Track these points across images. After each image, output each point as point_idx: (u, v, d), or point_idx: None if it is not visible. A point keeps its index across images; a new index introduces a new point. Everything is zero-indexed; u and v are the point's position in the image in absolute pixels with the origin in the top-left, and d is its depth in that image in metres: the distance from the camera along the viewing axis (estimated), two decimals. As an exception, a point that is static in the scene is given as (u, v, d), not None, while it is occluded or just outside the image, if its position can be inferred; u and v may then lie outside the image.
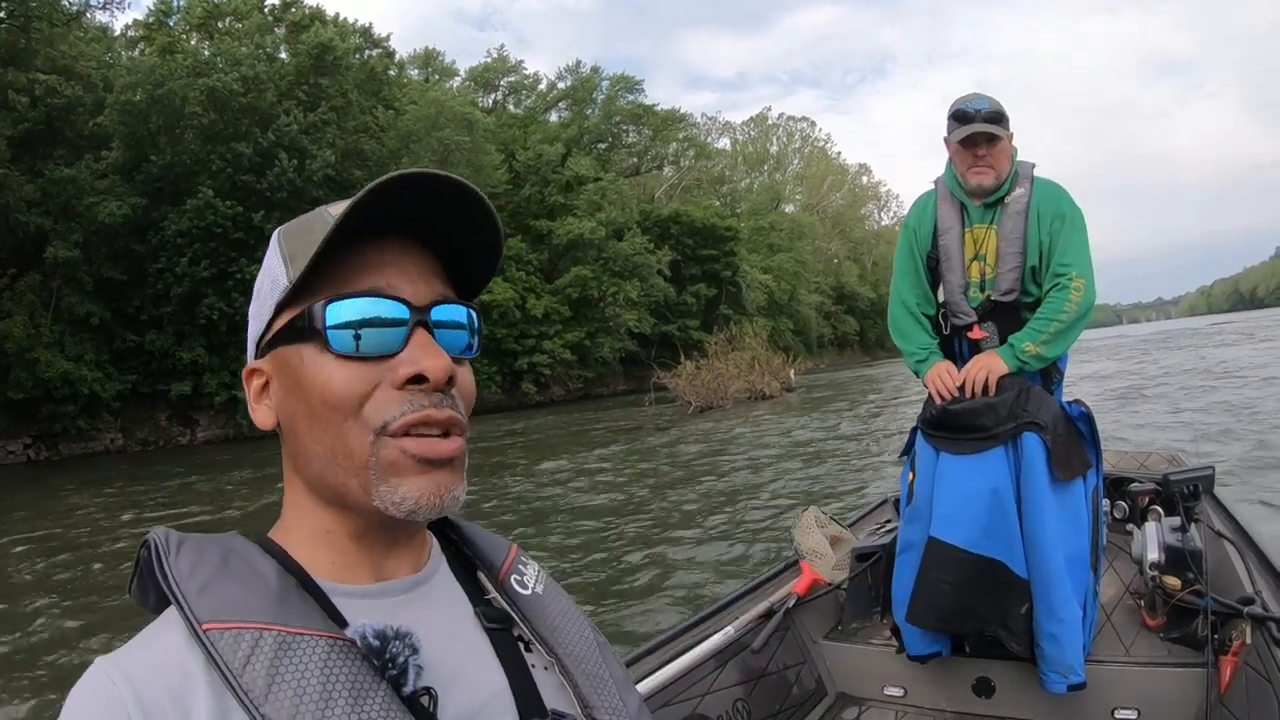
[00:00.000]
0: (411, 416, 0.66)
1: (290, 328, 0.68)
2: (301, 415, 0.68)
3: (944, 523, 2.58)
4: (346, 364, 0.66)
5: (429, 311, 0.69)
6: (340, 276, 0.68)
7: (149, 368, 29.10)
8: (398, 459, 0.65)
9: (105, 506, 13.33)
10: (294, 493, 0.72)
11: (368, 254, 0.69)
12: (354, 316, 0.66)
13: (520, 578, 0.82)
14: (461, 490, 0.69)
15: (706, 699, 2.49)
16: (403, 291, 0.68)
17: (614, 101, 57.24)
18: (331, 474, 0.67)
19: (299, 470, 0.71)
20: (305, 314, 0.67)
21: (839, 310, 76.21)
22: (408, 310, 0.67)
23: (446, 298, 0.71)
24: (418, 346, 0.67)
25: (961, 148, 2.70)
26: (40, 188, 26.59)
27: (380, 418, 0.65)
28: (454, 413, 0.68)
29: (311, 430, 0.67)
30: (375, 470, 0.66)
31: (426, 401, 0.66)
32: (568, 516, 9.45)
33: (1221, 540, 2.97)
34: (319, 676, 0.60)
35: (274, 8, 36.76)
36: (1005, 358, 2.63)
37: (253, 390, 0.73)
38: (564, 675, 0.75)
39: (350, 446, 0.66)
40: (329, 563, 0.69)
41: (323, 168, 31.18)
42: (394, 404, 0.66)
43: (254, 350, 0.73)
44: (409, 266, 0.70)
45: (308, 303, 0.67)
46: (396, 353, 0.67)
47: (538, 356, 39.34)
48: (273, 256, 0.72)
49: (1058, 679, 2.42)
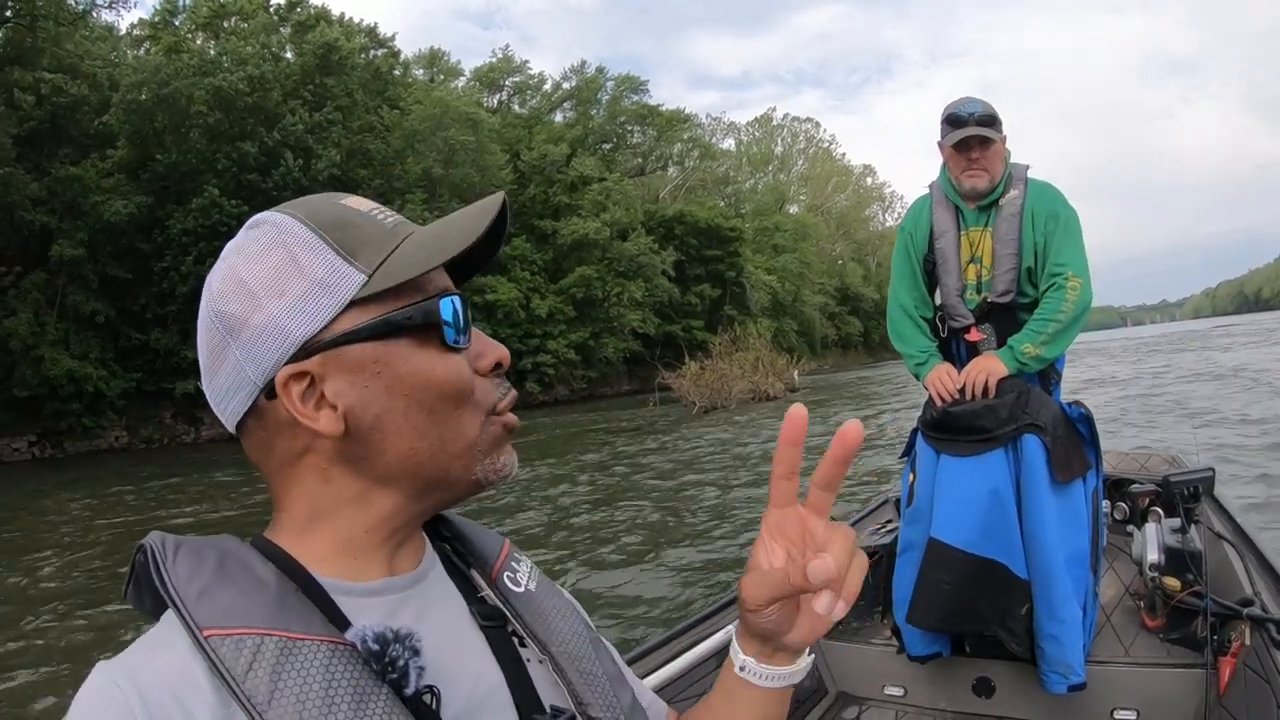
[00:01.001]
0: (509, 397, 0.75)
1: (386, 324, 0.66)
2: (401, 411, 0.67)
3: (944, 524, 2.59)
4: (450, 357, 0.70)
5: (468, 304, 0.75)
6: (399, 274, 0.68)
7: (154, 366, 29.14)
8: (500, 434, 0.73)
9: (107, 505, 13.36)
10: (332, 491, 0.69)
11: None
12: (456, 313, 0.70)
13: (513, 575, 0.82)
14: None
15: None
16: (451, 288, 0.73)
17: (619, 102, 57.26)
18: (435, 462, 0.70)
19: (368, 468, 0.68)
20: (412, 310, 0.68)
21: (843, 311, 76.19)
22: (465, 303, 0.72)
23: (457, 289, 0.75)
24: (480, 337, 0.74)
25: (955, 151, 2.71)
26: (46, 186, 26.69)
27: (489, 401, 0.73)
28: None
29: (416, 425, 0.68)
30: (480, 447, 0.72)
31: (506, 384, 0.75)
32: (570, 516, 9.46)
33: (1221, 542, 2.97)
34: (321, 682, 0.60)
35: (279, 7, 36.83)
36: (1004, 359, 2.64)
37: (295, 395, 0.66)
38: (557, 672, 0.75)
39: (462, 431, 0.70)
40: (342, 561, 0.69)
41: (328, 167, 31.24)
42: (492, 388, 0.73)
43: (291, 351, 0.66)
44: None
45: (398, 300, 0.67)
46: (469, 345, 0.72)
47: (542, 356, 39.35)
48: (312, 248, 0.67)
49: (1058, 679, 2.43)
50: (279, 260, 0.67)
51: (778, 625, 0.72)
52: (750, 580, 0.71)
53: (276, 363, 0.66)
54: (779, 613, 0.71)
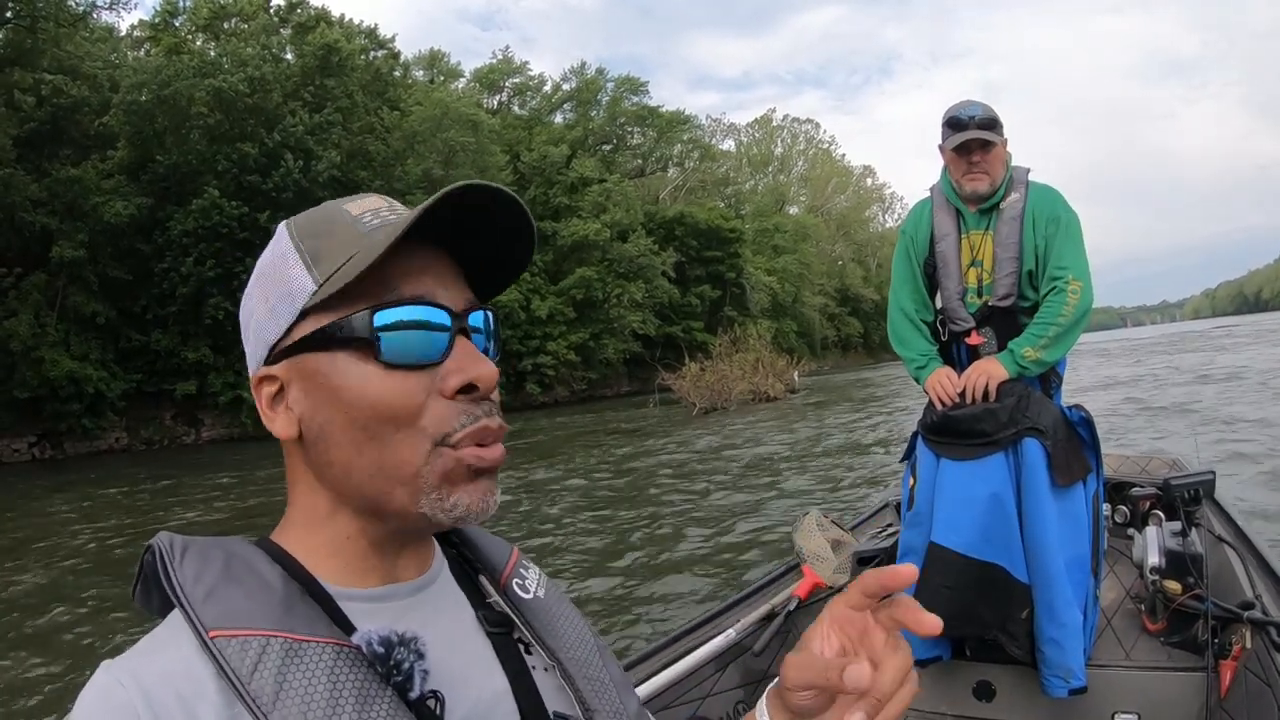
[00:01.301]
0: (473, 428, 0.66)
1: (322, 334, 0.66)
2: (341, 425, 0.66)
3: (945, 528, 2.59)
4: (394, 374, 0.65)
5: (467, 318, 0.68)
6: (373, 284, 0.65)
7: (154, 367, 29.19)
8: (453, 469, 0.65)
9: (96, 509, 13.35)
10: (312, 498, 0.70)
11: (401, 259, 0.66)
12: (402, 325, 0.65)
13: (522, 582, 0.82)
14: (499, 495, 0.69)
15: (707, 702, 2.50)
16: (442, 298, 0.67)
17: (619, 103, 57.25)
18: (374, 484, 0.66)
19: (324, 478, 0.69)
20: (345, 322, 0.65)
21: (843, 312, 76.17)
22: (450, 318, 0.67)
23: (475, 304, 0.71)
24: (463, 355, 0.66)
25: (956, 154, 2.70)
26: (46, 187, 26.71)
27: (441, 429, 0.65)
28: (503, 422, 0.69)
29: (354, 440, 0.66)
30: (427, 479, 0.65)
31: (480, 411, 0.66)
32: (570, 518, 9.45)
33: (1222, 545, 2.97)
34: (325, 684, 0.60)
35: (280, 9, 36.83)
36: (1005, 363, 2.63)
37: (264, 397, 0.70)
38: (565, 678, 0.75)
39: (402, 457, 0.65)
40: (339, 567, 0.69)
41: (328, 168, 31.25)
42: (452, 415, 0.65)
43: (265, 355, 0.70)
44: (443, 273, 0.69)
45: (343, 309, 0.65)
46: (439, 361, 0.66)
47: (542, 358, 39.34)
48: (286, 256, 0.69)
49: (1059, 683, 2.43)
50: (269, 267, 0.71)
51: (811, 708, 0.67)
52: (795, 660, 0.66)
53: (258, 364, 0.70)
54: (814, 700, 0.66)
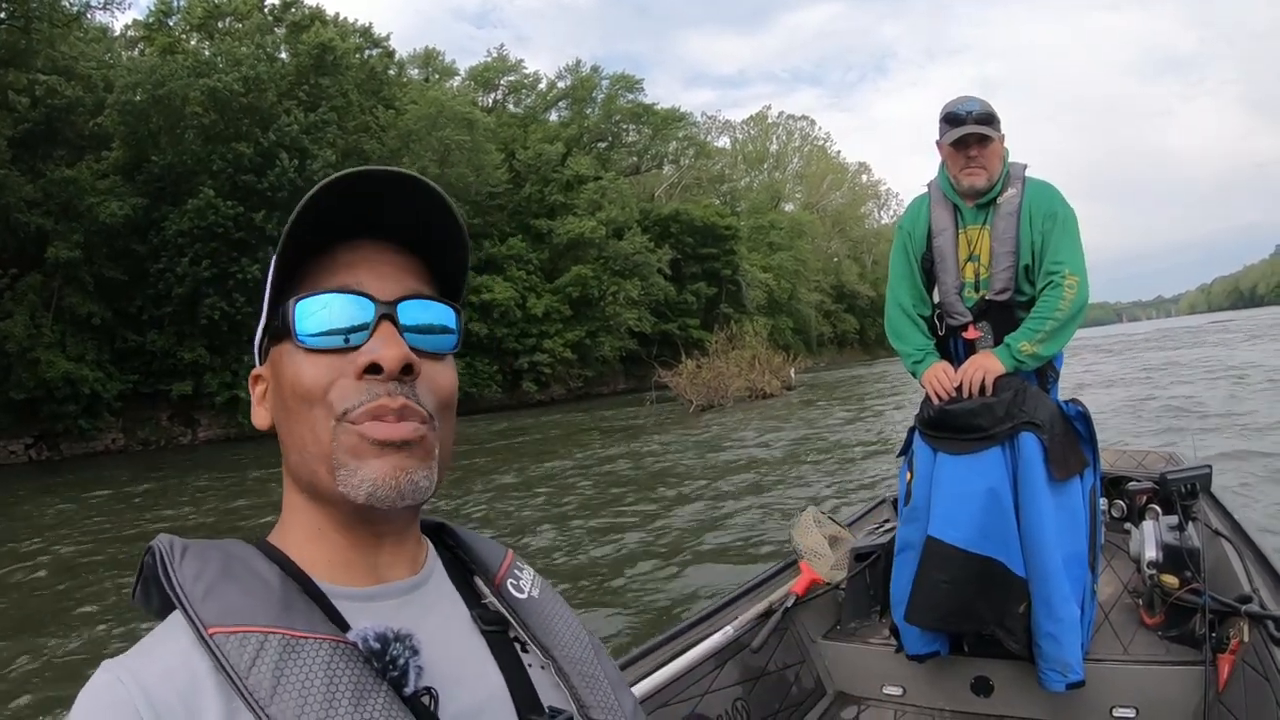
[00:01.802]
0: (369, 405, 0.67)
1: (271, 329, 0.72)
2: (279, 409, 0.72)
3: (942, 522, 2.59)
4: (314, 357, 0.69)
5: (395, 306, 0.70)
6: (316, 277, 0.71)
7: (150, 368, 29.14)
8: (356, 444, 0.67)
9: (106, 508, 13.33)
10: (288, 492, 0.74)
11: (342, 255, 0.71)
12: (320, 312, 0.69)
13: (516, 582, 0.84)
14: (425, 477, 0.69)
15: (706, 698, 2.50)
16: (369, 287, 0.70)
17: (614, 101, 57.19)
18: (304, 463, 0.70)
19: (287, 468, 0.73)
20: (280, 313, 0.71)
21: (839, 309, 76.21)
22: (372, 304, 0.69)
23: (419, 294, 0.73)
24: (379, 338, 0.69)
25: (954, 150, 2.71)
26: (41, 188, 26.65)
27: (341, 405, 0.68)
28: (408, 400, 0.69)
29: (287, 422, 0.71)
30: (337, 455, 0.68)
31: (381, 390, 0.68)
32: (567, 516, 9.45)
33: (1219, 538, 2.98)
34: (323, 679, 0.61)
35: (274, 8, 36.78)
36: (1002, 358, 2.64)
37: (256, 394, 0.76)
38: (560, 676, 0.77)
39: (316, 433, 0.68)
40: (326, 562, 0.71)
41: (324, 168, 31.16)
42: (353, 393, 0.68)
43: (259, 357, 0.76)
44: (381, 265, 0.72)
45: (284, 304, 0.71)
46: (359, 346, 0.69)
47: (538, 355, 39.33)
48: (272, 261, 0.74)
49: (1056, 677, 2.43)
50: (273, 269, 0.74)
51: None
52: None
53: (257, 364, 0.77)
54: None
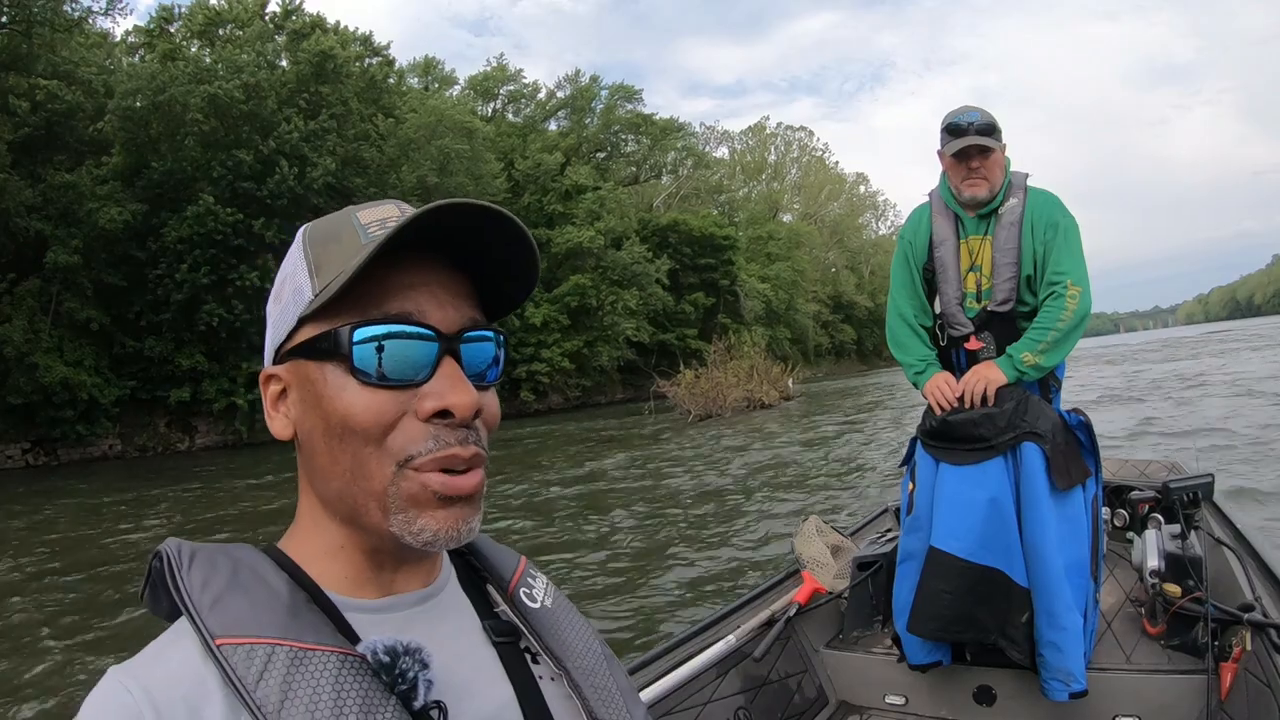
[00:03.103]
0: (439, 454, 0.65)
1: (314, 344, 0.67)
2: (321, 433, 0.67)
3: (944, 533, 2.59)
4: (371, 390, 0.65)
5: (458, 340, 0.68)
6: (368, 296, 0.66)
7: (148, 374, 29.07)
8: (418, 493, 0.65)
9: (104, 513, 13.28)
10: (309, 505, 0.72)
11: (396, 274, 0.67)
12: (378, 343, 0.65)
13: (529, 590, 0.82)
14: (477, 521, 0.69)
15: (708, 708, 2.50)
16: (431, 317, 0.67)
17: (613, 110, 57.25)
18: (350, 495, 0.66)
19: (315, 485, 0.70)
20: (331, 336, 0.66)
21: (836, 319, 76.21)
22: (436, 339, 0.66)
23: (476, 323, 0.70)
24: (444, 378, 0.66)
25: (955, 160, 2.72)
26: (41, 193, 26.65)
27: (405, 451, 0.65)
28: (479, 449, 0.67)
29: (331, 450, 0.66)
30: (395, 499, 0.65)
31: (452, 438, 0.65)
32: (566, 526, 9.43)
33: (1221, 547, 2.98)
34: (331, 692, 0.60)
35: (275, 16, 36.78)
36: (1003, 368, 2.64)
37: (269, 396, 0.72)
38: (572, 688, 0.76)
39: (370, 471, 0.65)
40: (341, 577, 0.70)
41: (323, 175, 31.22)
42: (420, 438, 0.65)
43: (272, 356, 0.72)
44: (438, 289, 0.68)
45: (333, 321, 0.66)
46: (423, 382, 0.66)
47: (536, 365, 39.27)
48: (296, 261, 0.71)
49: (1059, 687, 2.43)
50: (286, 269, 0.72)
51: None
52: None
53: (267, 363, 0.73)
54: None
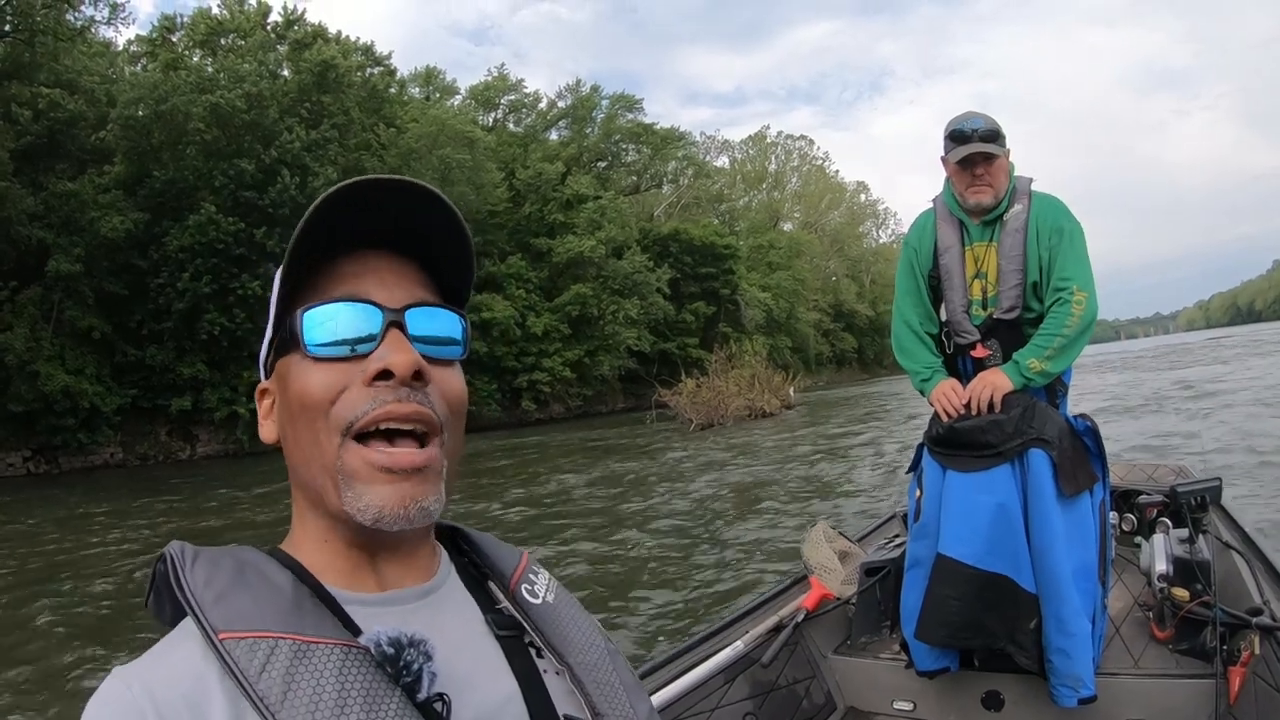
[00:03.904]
0: (376, 412, 0.67)
1: (279, 341, 0.72)
2: (288, 421, 0.71)
3: (951, 539, 2.59)
4: (322, 366, 0.68)
5: (403, 313, 0.70)
6: (322, 288, 0.71)
7: (149, 382, 29.03)
8: (359, 467, 0.67)
9: (105, 521, 13.26)
10: (296, 503, 0.75)
11: (347, 266, 0.71)
12: (327, 321, 0.68)
13: (531, 587, 0.83)
14: (434, 500, 0.69)
15: (716, 713, 2.50)
16: (375, 296, 0.70)
17: (613, 120, 57.35)
18: (311, 475, 0.69)
19: (294, 478, 0.73)
20: (287, 324, 0.70)
21: (837, 328, 76.17)
22: (380, 312, 0.69)
23: (425, 301, 0.73)
24: (387, 345, 0.68)
25: (959, 167, 2.71)
26: (43, 201, 26.66)
27: (346, 416, 0.67)
28: (421, 406, 0.69)
29: (295, 434, 0.70)
30: (342, 474, 0.67)
31: (390, 396, 0.67)
32: (569, 535, 9.42)
33: (1229, 551, 2.98)
34: (334, 684, 0.61)
35: (277, 25, 36.92)
36: (1010, 374, 2.64)
37: (262, 408, 0.76)
38: (575, 683, 0.76)
39: (322, 446, 0.68)
40: (335, 569, 0.71)
41: (325, 185, 31.10)
42: (361, 401, 0.67)
43: (264, 371, 0.76)
44: (386, 274, 0.72)
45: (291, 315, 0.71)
46: (368, 354, 0.68)
47: (537, 374, 39.23)
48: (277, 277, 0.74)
49: (1068, 692, 2.43)
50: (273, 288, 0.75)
51: None
52: None
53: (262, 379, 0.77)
54: None
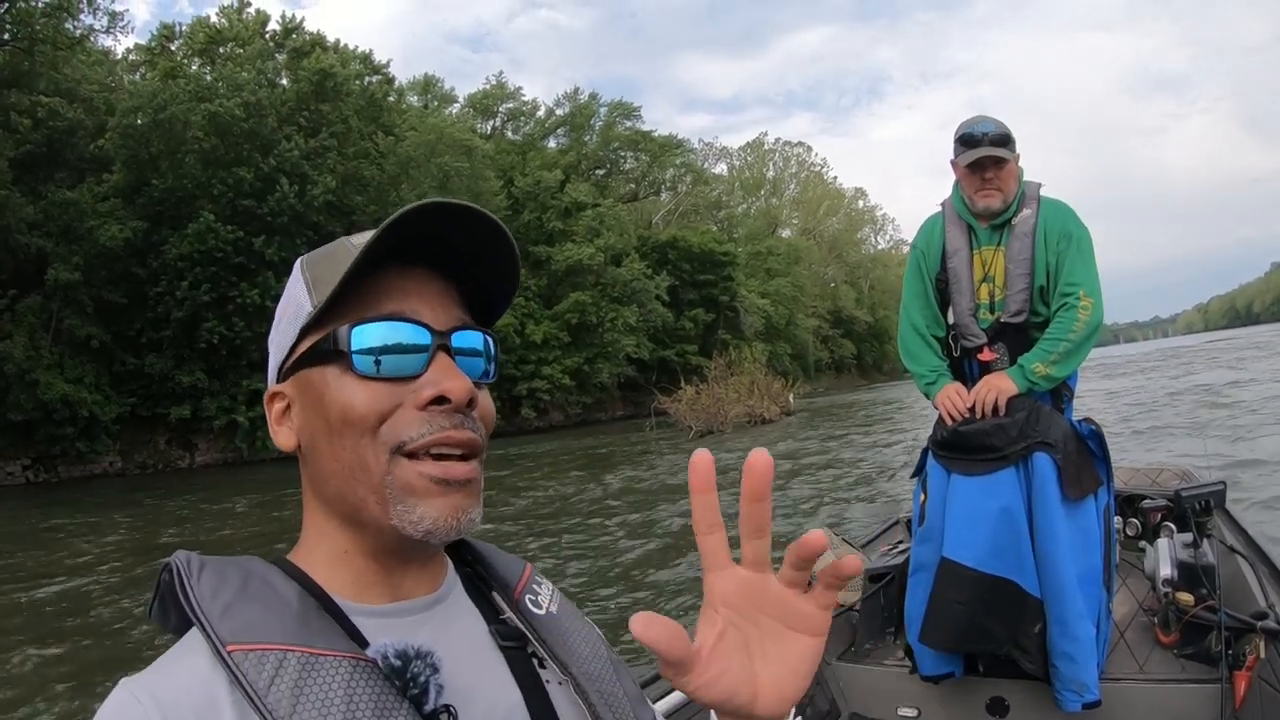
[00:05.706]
0: (432, 437, 0.67)
1: (315, 350, 0.70)
2: (321, 433, 0.70)
3: (956, 543, 2.59)
4: (369, 384, 0.68)
5: (450, 336, 0.71)
6: (364, 302, 0.70)
7: (148, 391, 29.03)
8: (414, 480, 0.67)
9: (104, 530, 13.25)
10: (313, 514, 0.74)
11: (390, 281, 0.71)
12: (377, 340, 0.68)
13: (535, 597, 0.83)
14: (478, 512, 0.70)
15: None
16: (424, 316, 0.70)
17: (612, 128, 57.48)
18: (350, 490, 0.69)
19: (318, 491, 0.72)
20: (330, 336, 0.69)
21: (836, 334, 76.24)
22: (429, 334, 0.69)
23: (465, 324, 0.73)
24: (439, 369, 0.68)
25: (969, 171, 2.72)
26: (42, 209, 26.71)
27: (398, 437, 0.67)
28: (473, 434, 0.70)
29: (331, 447, 0.69)
30: (391, 489, 0.67)
31: (447, 423, 0.68)
32: (569, 543, 9.42)
33: (1234, 555, 2.98)
34: (342, 697, 0.61)
35: (275, 34, 36.96)
36: (1015, 378, 2.65)
37: (274, 413, 0.75)
38: (578, 694, 0.76)
39: (367, 463, 0.67)
40: (346, 582, 0.71)
41: (323, 193, 31.30)
42: (415, 424, 0.67)
43: (275, 375, 0.76)
44: (429, 293, 0.72)
45: (331, 327, 0.70)
46: (418, 375, 0.68)
47: (537, 382, 39.23)
48: (296, 284, 0.74)
49: (1073, 698, 2.42)
50: (286, 296, 0.75)
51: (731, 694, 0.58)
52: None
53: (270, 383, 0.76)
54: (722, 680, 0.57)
